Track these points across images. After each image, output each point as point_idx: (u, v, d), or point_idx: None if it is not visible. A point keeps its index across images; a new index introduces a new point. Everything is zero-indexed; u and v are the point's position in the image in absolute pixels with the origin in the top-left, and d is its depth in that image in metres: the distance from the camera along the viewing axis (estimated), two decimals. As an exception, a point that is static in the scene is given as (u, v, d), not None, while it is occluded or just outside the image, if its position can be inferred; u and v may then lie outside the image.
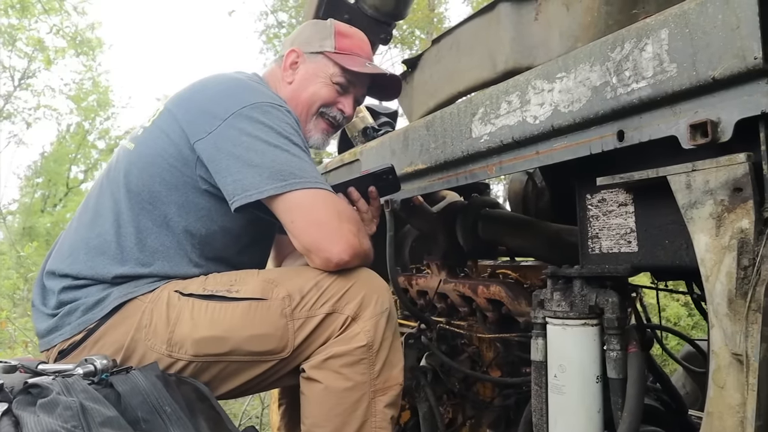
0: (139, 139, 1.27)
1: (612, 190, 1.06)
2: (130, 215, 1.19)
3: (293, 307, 1.14)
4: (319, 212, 1.15)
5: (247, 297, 1.14)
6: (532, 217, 1.72)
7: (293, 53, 1.41)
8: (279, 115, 1.20)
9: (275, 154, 1.15)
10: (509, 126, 1.12)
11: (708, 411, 0.77)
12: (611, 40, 0.91)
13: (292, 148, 1.17)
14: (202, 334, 1.11)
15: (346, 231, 1.16)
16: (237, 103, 1.18)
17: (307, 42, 1.43)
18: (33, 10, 11.64)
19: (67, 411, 0.73)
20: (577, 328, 1.04)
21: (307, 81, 1.40)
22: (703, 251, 0.80)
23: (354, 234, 1.17)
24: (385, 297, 1.20)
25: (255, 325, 1.12)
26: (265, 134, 1.16)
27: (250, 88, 1.25)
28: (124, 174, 1.22)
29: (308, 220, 1.15)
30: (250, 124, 1.16)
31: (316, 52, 1.41)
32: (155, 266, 1.18)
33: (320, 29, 1.44)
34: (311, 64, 1.41)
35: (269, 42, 13.90)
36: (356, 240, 1.17)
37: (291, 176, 1.14)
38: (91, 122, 17.57)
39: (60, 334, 1.14)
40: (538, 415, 1.12)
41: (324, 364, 1.14)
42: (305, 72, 1.41)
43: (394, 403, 1.19)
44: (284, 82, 1.42)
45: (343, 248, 1.14)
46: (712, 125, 0.77)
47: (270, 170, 1.13)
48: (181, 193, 1.20)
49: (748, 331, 0.71)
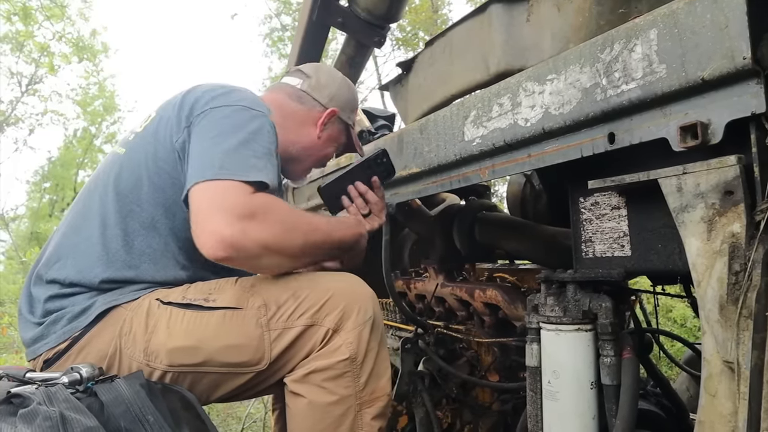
0: (130, 144, 1.27)
1: (605, 194, 1.05)
2: (118, 217, 1.18)
3: (269, 317, 1.12)
4: (202, 202, 1.07)
5: (223, 306, 1.12)
6: (529, 221, 1.70)
7: (333, 114, 1.46)
8: (246, 115, 1.18)
9: (217, 149, 1.11)
10: (501, 129, 1.10)
11: (699, 420, 0.75)
12: (601, 41, 0.89)
13: (237, 145, 1.11)
14: (176, 344, 1.09)
15: (221, 222, 1.02)
16: (212, 102, 1.19)
17: (342, 108, 1.48)
18: (35, 18, 11.73)
19: (47, 422, 0.72)
20: (571, 333, 1.02)
21: (329, 143, 1.49)
22: (695, 256, 0.78)
23: (231, 226, 1.02)
24: (369, 305, 1.17)
25: (229, 335, 1.10)
26: (218, 129, 1.14)
27: (232, 91, 1.24)
28: (114, 177, 1.22)
29: (193, 215, 1.07)
30: (215, 120, 1.16)
31: (344, 121, 1.50)
32: (142, 269, 1.17)
33: (353, 99, 1.53)
34: (336, 128, 1.49)
35: (273, 45, 13.94)
36: (234, 232, 1.02)
37: (208, 169, 1.08)
38: (97, 127, 17.68)
39: (45, 342, 1.13)
40: (533, 422, 1.10)
41: (306, 379, 1.12)
42: (331, 133, 1.48)
43: (381, 415, 1.17)
44: (312, 130, 1.44)
45: (217, 244, 1.02)
46: (702, 127, 0.76)
47: (201, 165, 1.10)
48: (168, 195, 1.20)
49: (739, 338, 0.70)
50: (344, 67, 2.25)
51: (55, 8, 12.00)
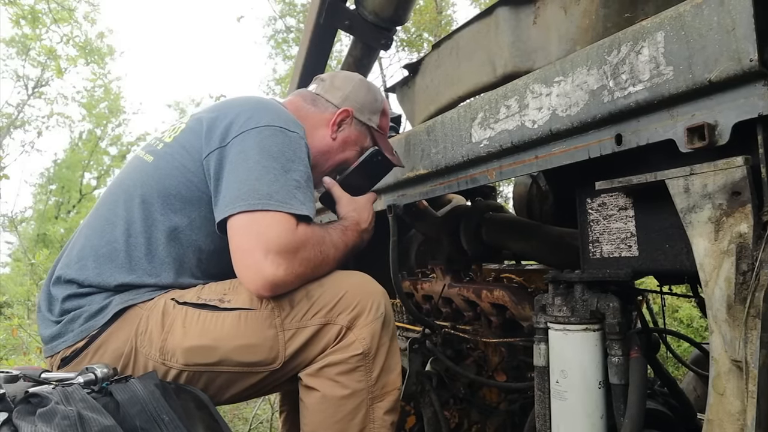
0: (159, 152, 1.27)
1: (612, 194, 1.06)
2: (143, 226, 1.19)
3: (283, 317, 1.14)
4: (244, 236, 1.10)
5: (238, 307, 1.14)
6: (536, 221, 1.71)
7: (346, 114, 1.42)
8: (285, 139, 1.18)
9: (259, 175, 1.12)
10: (508, 130, 1.11)
11: (708, 418, 0.76)
12: (608, 43, 0.90)
13: (279, 172, 1.13)
14: (192, 343, 1.11)
15: (265, 263, 1.07)
16: (251, 122, 1.19)
17: (360, 108, 1.44)
18: (44, 21, 11.82)
19: (65, 420, 0.74)
20: (579, 333, 1.03)
21: (346, 145, 1.44)
22: (702, 256, 0.79)
23: (276, 265, 1.07)
24: (381, 301, 1.20)
25: (244, 335, 1.12)
26: (259, 154, 1.14)
27: (271, 110, 1.24)
28: (140, 185, 1.23)
29: (236, 247, 1.11)
30: (253, 144, 1.15)
31: (363, 123, 1.45)
32: (162, 277, 1.19)
33: (373, 101, 1.47)
34: (355, 131, 1.44)
35: (278, 47, 13.99)
36: (278, 272, 1.08)
37: (251, 196, 1.10)
38: (102, 129, 17.78)
39: (63, 341, 1.15)
40: (541, 421, 1.11)
41: (320, 373, 1.14)
42: (348, 135, 1.43)
43: (393, 409, 1.19)
44: (326, 132, 1.42)
45: (261, 284, 1.08)
46: (710, 128, 0.77)
47: (243, 191, 1.11)
48: (194, 208, 1.21)
49: (747, 337, 0.70)
50: (351, 68, 2.26)
51: (63, 11, 12.09)
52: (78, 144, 17.32)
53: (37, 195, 17.81)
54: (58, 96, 15.02)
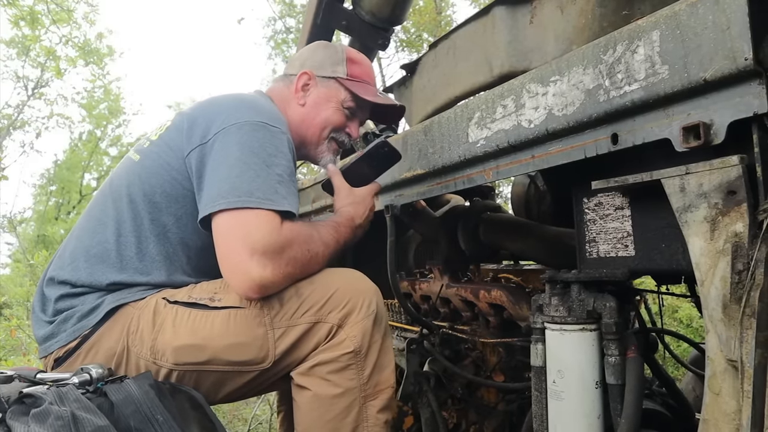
0: (145, 151, 1.28)
1: (608, 194, 1.05)
2: (132, 225, 1.20)
3: (272, 315, 1.13)
4: (229, 236, 1.09)
5: (227, 306, 1.14)
6: (533, 221, 1.70)
7: (305, 75, 1.41)
8: (266, 134, 1.18)
9: (240, 171, 1.11)
10: (505, 130, 1.11)
11: (704, 418, 0.75)
12: (603, 42, 0.90)
13: (260, 168, 1.13)
14: (182, 343, 1.11)
15: (251, 264, 1.06)
16: (231, 118, 1.18)
17: (320, 66, 1.43)
18: (43, 22, 11.83)
19: (59, 421, 0.74)
20: (575, 333, 1.02)
21: (319, 105, 1.41)
22: (698, 255, 0.78)
23: (263, 266, 1.07)
24: (372, 299, 1.19)
25: (233, 334, 1.12)
26: (240, 151, 1.14)
27: (252, 106, 1.24)
28: (127, 184, 1.24)
29: (220, 249, 1.11)
30: (234, 140, 1.15)
31: (328, 77, 1.42)
32: (153, 275, 1.19)
33: (332, 54, 1.45)
34: (323, 89, 1.42)
35: (277, 48, 13.99)
36: (265, 273, 1.07)
37: (232, 194, 1.09)
38: (102, 130, 17.78)
39: (56, 341, 1.15)
40: (538, 422, 1.11)
41: (311, 371, 1.14)
42: (317, 96, 1.42)
43: (387, 407, 1.18)
44: (295, 103, 1.42)
45: (248, 286, 1.08)
46: (705, 127, 0.76)
47: (224, 189, 1.11)
48: (180, 205, 1.21)
49: (742, 336, 0.70)
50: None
51: (62, 12, 12.10)
52: (78, 145, 17.33)
53: (37, 196, 17.82)
54: (58, 97, 15.04)
